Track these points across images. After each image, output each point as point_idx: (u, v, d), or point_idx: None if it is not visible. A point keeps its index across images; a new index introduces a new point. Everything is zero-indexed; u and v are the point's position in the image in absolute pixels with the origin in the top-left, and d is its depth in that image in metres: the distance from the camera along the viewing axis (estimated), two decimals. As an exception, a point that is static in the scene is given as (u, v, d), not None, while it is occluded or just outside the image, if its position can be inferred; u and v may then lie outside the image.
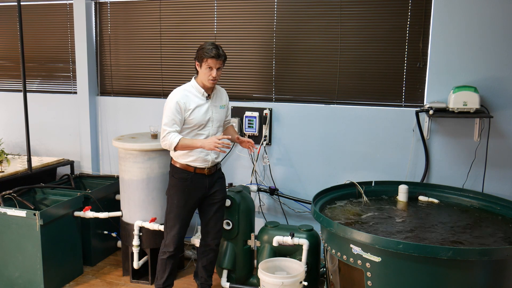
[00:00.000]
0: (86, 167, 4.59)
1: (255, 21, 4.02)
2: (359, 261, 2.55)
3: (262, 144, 4.02)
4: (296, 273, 3.07)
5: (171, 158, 3.16)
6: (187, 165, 3.07)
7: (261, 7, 3.98)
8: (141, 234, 3.62)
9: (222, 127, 3.21)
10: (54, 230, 3.48)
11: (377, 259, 2.47)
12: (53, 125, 4.73)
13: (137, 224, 3.59)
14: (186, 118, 2.99)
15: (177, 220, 3.12)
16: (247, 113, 4.03)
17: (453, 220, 2.94)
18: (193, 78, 3.09)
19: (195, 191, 3.12)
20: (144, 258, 3.74)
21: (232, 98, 4.13)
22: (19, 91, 4.53)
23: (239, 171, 4.16)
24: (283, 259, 3.26)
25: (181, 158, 3.07)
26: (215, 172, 3.18)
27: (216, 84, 3.13)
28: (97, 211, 3.75)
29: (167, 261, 3.20)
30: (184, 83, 4.28)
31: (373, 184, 3.46)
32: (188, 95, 3.01)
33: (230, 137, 3.22)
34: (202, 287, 3.37)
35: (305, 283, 3.04)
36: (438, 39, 3.55)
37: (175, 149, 2.95)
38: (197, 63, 3.00)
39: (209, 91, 3.07)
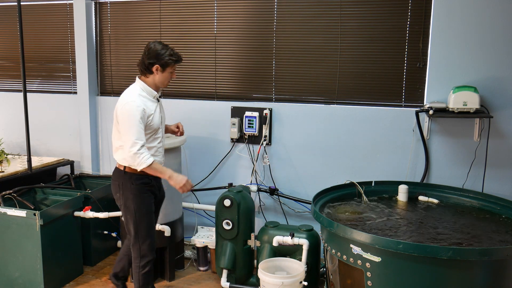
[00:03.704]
0: (86, 167, 4.59)
1: (255, 21, 4.02)
2: (359, 261, 2.55)
3: (262, 144, 4.02)
4: (296, 273, 3.07)
5: (124, 167, 2.94)
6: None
7: (261, 7, 3.98)
8: (141, 234, 3.61)
9: None
10: (54, 230, 3.48)
11: (377, 259, 2.47)
12: (53, 125, 4.73)
13: (137, 224, 3.59)
14: (148, 124, 2.89)
15: (150, 227, 3.04)
16: (247, 113, 4.03)
17: (453, 220, 2.94)
18: (139, 81, 2.98)
19: (154, 194, 3.08)
20: (144, 258, 3.74)
21: (232, 98, 4.15)
22: (19, 91, 4.52)
23: (239, 171, 4.16)
24: (283, 259, 3.26)
25: None
26: None
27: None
28: (97, 211, 3.75)
29: (150, 271, 3.08)
30: (184, 83, 4.31)
31: (373, 184, 3.46)
32: (144, 100, 2.91)
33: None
34: (123, 286, 3.38)
35: (305, 283, 3.04)
36: (438, 39, 3.55)
37: (143, 169, 2.84)
38: (157, 67, 2.91)
39: (158, 92, 3.04)
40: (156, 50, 2.91)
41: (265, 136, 4.01)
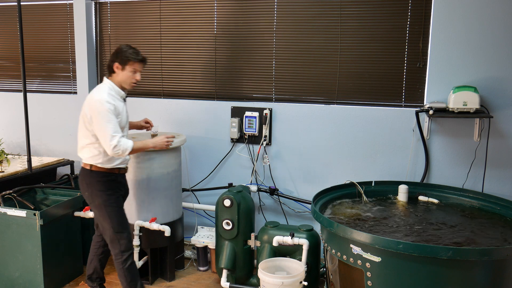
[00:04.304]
0: (86, 167, 4.58)
1: (255, 21, 4.02)
2: (359, 261, 2.55)
3: (262, 144, 4.02)
4: (296, 273, 3.07)
5: (89, 165, 3.05)
6: (112, 168, 3.09)
7: (261, 7, 3.98)
8: (141, 234, 3.62)
9: None
10: (54, 230, 3.48)
11: (377, 259, 2.47)
12: (53, 125, 4.73)
13: (137, 224, 3.59)
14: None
15: (124, 220, 3.14)
16: (247, 113, 4.03)
17: (453, 220, 2.94)
18: (107, 80, 3.08)
19: (121, 191, 3.20)
20: (144, 258, 3.74)
21: (232, 98, 4.15)
22: (19, 91, 4.53)
23: (239, 171, 4.16)
24: (283, 259, 3.26)
25: (107, 163, 3.06)
26: None
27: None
28: (97, 211, 3.75)
29: (134, 263, 3.17)
30: (184, 83, 4.32)
31: (373, 184, 3.46)
32: (114, 98, 3.01)
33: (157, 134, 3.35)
34: (100, 287, 3.44)
35: (305, 283, 3.05)
36: (438, 39, 3.55)
37: (129, 154, 2.98)
38: (117, 65, 3.02)
39: (125, 92, 3.15)
40: (119, 49, 3.05)
41: (265, 136, 4.01)
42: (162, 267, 3.80)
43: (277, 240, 3.30)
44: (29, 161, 3.91)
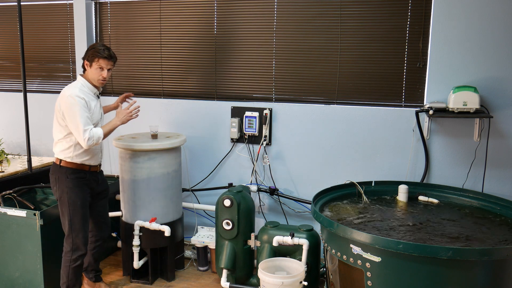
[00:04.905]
0: (86, 167, 4.58)
1: (255, 21, 4.02)
2: (359, 261, 2.55)
3: (262, 144, 4.02)
4: (296, 273, 3.07)
5: (60, 160, 3.11)
6: (82, 164, 3.12)
7: (261, 7, 3.99)
8: (141, 234, 3.62)
9: None
10: (54, 230, 3.48)
11: (377, 259, 2.47)
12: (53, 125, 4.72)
13: (137, 224, 3.59)
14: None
15: (85, 220, 3.17)
16: (247, 113, 4.03)
17: (453, 220, 2.94)
18: (80, 77, 3.14)
19: (91, 189, 3.22)
20: (144, 258, 3.75)
21: (232, 98, 4.16)
22: (19, 91, 4.53)
23: (239, 171, 4.16)
24: (283, 259, 3.26)
25: (77, 158, 3.10)
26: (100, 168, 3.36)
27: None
28: (97, 211, 3.75)
29: (81, 265, 3.22)
30: (184, 82, 4.32)
31: (373, 184, 3.46)
32: (86, 93, 3.07)
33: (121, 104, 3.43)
34: (96, 278, 3.48)
35: (305, 283, 3.05)
36: (438, 39, 3.55)
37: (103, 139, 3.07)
38: (86, 62, 3.10)
39: (99, 90, 3.20)
40: (89, 46, 3.12)
41: (265, 136, 4.01)
42: (162, 267, 3.80)
43: (277, 240, 3.30)
44: (29, 161, 3.90)
